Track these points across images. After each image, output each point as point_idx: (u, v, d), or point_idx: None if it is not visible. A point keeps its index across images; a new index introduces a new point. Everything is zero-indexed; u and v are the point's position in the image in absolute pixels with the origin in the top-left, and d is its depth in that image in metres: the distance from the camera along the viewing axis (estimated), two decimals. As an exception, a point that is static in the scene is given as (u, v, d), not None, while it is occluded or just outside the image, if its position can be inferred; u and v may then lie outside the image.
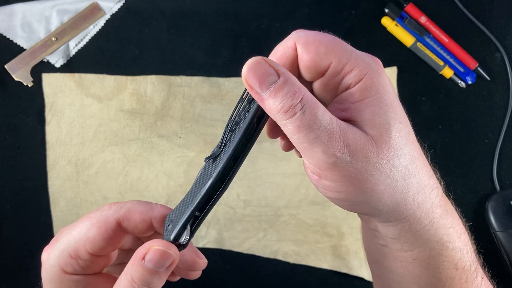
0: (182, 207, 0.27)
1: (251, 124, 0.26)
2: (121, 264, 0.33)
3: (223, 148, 0.27)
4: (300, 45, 0.25)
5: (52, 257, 0.28)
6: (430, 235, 0.27)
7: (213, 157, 0.27)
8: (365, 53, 0.27)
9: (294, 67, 0.26)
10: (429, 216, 0.27)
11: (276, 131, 0.30)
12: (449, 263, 0.28)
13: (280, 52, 0.26)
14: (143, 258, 0.25)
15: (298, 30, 0.26)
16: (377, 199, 0.25)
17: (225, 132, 0.27)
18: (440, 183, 0.29)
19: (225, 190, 0.27)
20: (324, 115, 0.24)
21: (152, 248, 0.26)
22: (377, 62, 0.26)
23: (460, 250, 0.28)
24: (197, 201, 0.26)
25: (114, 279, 0.28)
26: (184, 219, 0.26)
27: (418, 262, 0.28)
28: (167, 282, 0.32)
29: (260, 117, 0.26)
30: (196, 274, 0.32)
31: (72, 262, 0.28)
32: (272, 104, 0.24)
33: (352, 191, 0.25)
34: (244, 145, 0.26)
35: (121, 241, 0.29)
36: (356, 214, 0.30)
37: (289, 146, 0.30)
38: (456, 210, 0.29)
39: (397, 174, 0.25)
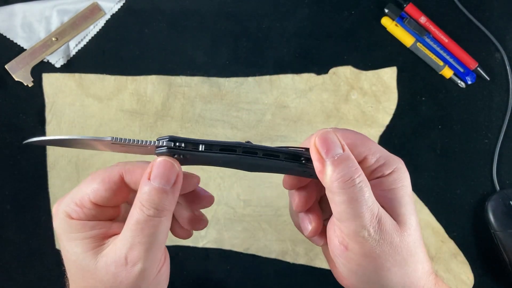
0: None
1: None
2: None
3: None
4: (339, 133, 0.29)
5: (60, 205, 0.30)
6: None
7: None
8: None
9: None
10: None
11: (308, 206, 0.33)
12: None
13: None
14: (149, 178, 0.27)
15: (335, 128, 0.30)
16: (389, 280, 0.28)
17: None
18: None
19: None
20: (371, 195, 0.27)
21: (156, 161, 0.27)
22: (401, 161, 0.31)
23: None
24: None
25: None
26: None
27: None
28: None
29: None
30: (203, 223, 0.34)
31: (77, 210, 0.29)
32: (332, 171, 0.27)
33: (371, 268, 0.28)
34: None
35: (125, 195, 0.30)
36: None
37: (315, 232, 0.33)
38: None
39: (410, 259, 0.28)
